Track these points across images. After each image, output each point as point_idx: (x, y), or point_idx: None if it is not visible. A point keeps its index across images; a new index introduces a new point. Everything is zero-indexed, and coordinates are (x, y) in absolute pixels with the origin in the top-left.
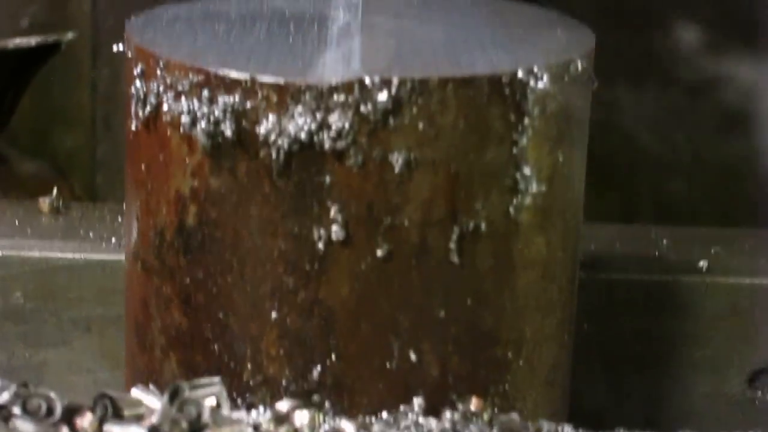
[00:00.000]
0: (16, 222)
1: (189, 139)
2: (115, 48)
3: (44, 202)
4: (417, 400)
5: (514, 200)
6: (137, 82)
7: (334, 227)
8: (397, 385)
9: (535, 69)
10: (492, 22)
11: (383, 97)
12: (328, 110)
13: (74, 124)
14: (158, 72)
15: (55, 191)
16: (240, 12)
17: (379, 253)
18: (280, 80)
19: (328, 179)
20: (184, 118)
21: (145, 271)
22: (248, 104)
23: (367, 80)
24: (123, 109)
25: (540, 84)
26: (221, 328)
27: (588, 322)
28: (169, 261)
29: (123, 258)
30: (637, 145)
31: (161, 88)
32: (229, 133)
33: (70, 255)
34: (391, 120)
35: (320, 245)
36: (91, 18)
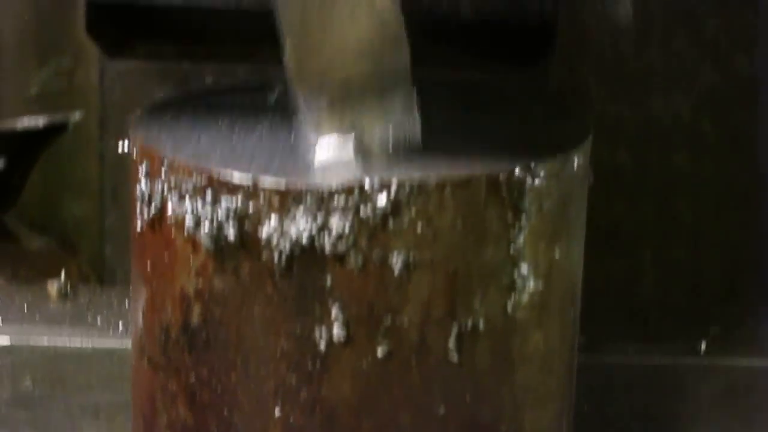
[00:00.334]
0: (25, 307)
1: (193, 241)
2: (120, 147)
3: (52, 287)
4: None
5: (512, 298)
6: (142, 182)
7: (336, 327)
8: None
9: (532, 167)
10: (491, 115)
11: (382, 200)
12: (329, 213)
13: (82, 195)
14: (163, 172)
15: (63, 276)
16: (243, 104)
17: (379, 353)
18: (282, 184)
19: (329, 281)
20: (188, 221)
21: (151, 366)
22: (250, 207)
23: (367, 183)
24: (130, 179)
25: (537, 182)
26: (226, 425)
27: (587, 404)
28: (174, 358)
29: (130, 345)
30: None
31: (165, 188)
32: (232, 235)
33: (78, 342)
34: (390, 222)
35: (322, 345)
36: (98, 89)
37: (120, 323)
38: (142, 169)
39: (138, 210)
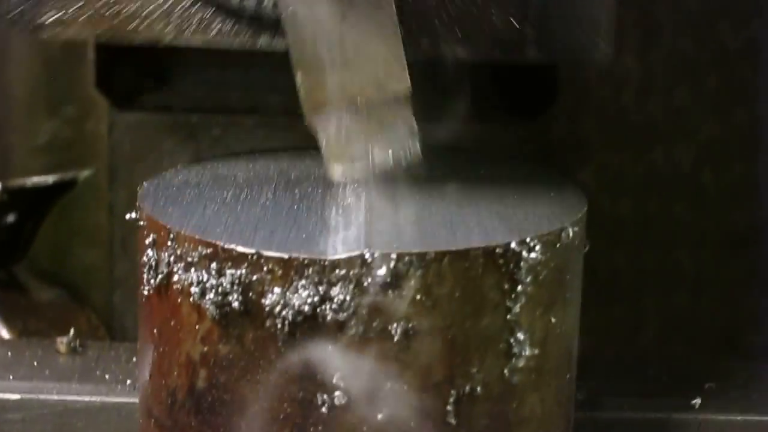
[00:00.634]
0: (35, 363)
1: (198, 308)
2: (127, 216)
3: (62, 343)
4: None
5: (509, 363)
6: (149, 251)
7: (337, 393)
8: None
9: (528, 240)
10: (489, 189)
11: (383, 271)
12: (331, 284)
13: (92, 244)
14: (169, 243)
15: (72, 331)
16: (248, 175)
17: (379, 417)
18: (284, 255)
19: (330, 348)
20: (194, 289)
21: (158, 427)
22: (254, 277)
23: (367, 255)
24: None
25: (533, 254)
26: None
27: None
28: (181, 420)
29: (137, 400)
30: (641, 260)
31: (172, 258)
32: (236, 304)
33: (87, 398)
34: (390, 292)
35: (324, 409)
36: (107, 140)
37: (128, 380)
38: (149, 239)
39: (145, 277)
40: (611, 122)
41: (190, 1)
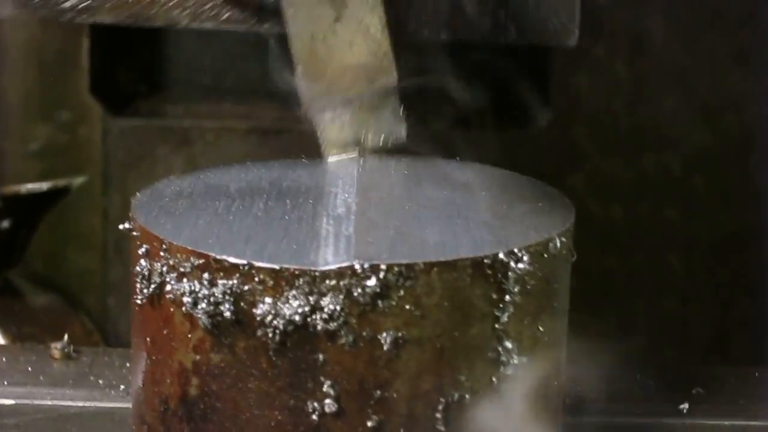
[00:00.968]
0: (29, 368)
1: (191, 318)
2: (121, 226)
3: (56, 349)
4: None
5: (497, 371)
6: (142, 261)
7: (327, 400)
8: None
9: (516, 250)
10: (478, 199)
11: (372, 282)
12: (321, 294)
13: (86, 248)
14: (162, 253)
15: (66, 337)
16: (239, 185)
17: (369, 424)
18: (276, 266)
19: (321, 357)
20: (186, 299)
21: None
22: (246, 287)
23: (357, 266)
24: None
25: (520, 264)
26: None
27: None
28: (173, 427)
29: (131, 406)
30: (632, 264)
31: (165, 268)
32: (228, 313)
33: (81, 403)
34: (379, 302)
35: (314, 417)
36: (101, 146)
37: (122, 385)
38: (141, 250)
39: (138, 286)
40: (603, 128)
41: None
